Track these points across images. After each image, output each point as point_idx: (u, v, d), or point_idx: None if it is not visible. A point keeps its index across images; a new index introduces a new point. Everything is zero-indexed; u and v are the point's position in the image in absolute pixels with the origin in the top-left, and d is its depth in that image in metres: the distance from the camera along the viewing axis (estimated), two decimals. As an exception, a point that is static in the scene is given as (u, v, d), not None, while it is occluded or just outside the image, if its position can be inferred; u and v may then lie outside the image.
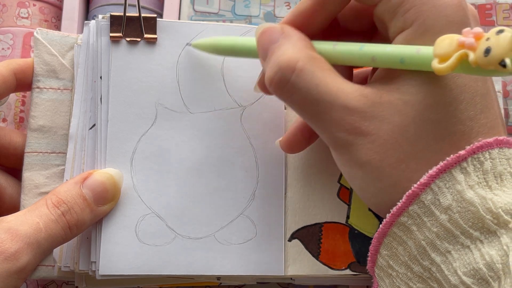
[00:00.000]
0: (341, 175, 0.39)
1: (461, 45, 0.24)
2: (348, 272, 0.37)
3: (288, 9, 0.48)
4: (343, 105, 0.28)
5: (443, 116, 0.28)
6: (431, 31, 0.28)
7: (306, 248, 0.38)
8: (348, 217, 0.38)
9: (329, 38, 0.32)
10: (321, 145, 0.39)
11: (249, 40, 0.34)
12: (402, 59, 0.27)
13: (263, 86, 0.35)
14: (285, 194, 0.39)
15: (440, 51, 0.25)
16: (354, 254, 0.38)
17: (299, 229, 0.38)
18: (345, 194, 0.39)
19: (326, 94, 0.29)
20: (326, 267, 0.38)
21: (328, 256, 0.38)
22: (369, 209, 0.38)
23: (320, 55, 0.30)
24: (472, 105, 0.28)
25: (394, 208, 0.28)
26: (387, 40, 0.30)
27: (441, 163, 0.27)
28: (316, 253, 0.38)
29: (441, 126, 0.28)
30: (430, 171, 0.27)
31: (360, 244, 0.38)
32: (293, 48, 0.30)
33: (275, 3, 0.48)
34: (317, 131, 0.31)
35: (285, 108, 0.40)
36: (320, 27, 0.33)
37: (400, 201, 0.28)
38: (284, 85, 0.29)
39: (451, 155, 0.27)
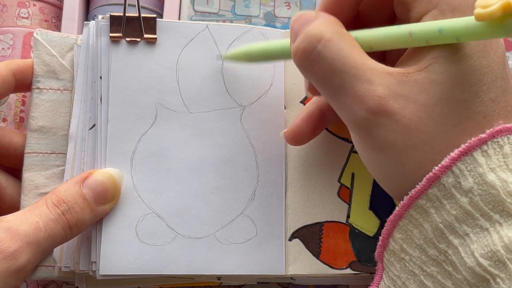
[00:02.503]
0: (341, 175, 0.39)
1: None
2: (348, 271, 0.37)
3: (288, 9, 0.48)
4: (368, 80, 0.28)
5: (468, 96, 0.28)
6: (459, 9, 0.28)
7: (307, 247, 0.38)
8: (348, 216, 0.38)
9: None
10: (322, 144, 0.39)
11: (281, 41, 0.34)
12: (441, 28, 0.27)
13: (312, 88, 0.35)
14: (285, 193, 0.39)
15: (482, 2, 0.25)
16: (354, 253, 0.38)
17: (299, 229, 0.38)
18: (345, 193, 0.39)
19: (352, 67, 0.28)
20: (327, 267, 0.38)
21: (329, 256, 0.38)
22: (370, 208, 0.38)
23: (349, 33, 0.30)
24: (494, 87, 0.28)
25: (413, 191, 0.28)
26: None
27: (463, 146, 0.27)
28: (316, 253, 0.38)
29: (466, 106, 0.28)
30: (452, 154, 0.27)
31: (360, 243, 0.38)
32: (323, 23, 0.30)
33: (275, 3, 0.48)
34: (338, 109, 0.30)
35: (285, 108, 0.40)
36: (350, 12, 0.33)
37: (420, 183, 0.28)
38: (309, 54, 0.29)
39: (473, 138, 0.27)
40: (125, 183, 0.37)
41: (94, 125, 0.38)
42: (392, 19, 0.34)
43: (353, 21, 0.34)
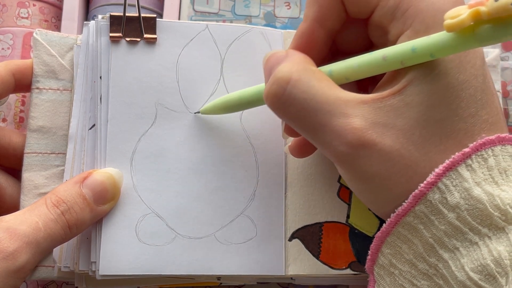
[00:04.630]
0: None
1: (472, 6, 0.24)
2: (348, 271, 0.37)
3: (288, 9, 0.48)
4: (343, 113, 0.28)
5: (446, 115, 0.28)
6: (432, 28, 0.28)
7: (307, 247, 0.38)
8: (348, 216, 0.38)
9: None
10: (321, 145, 0.39)
11: (253, 88, 0.35)
12: (414, 47, 0.27)
13: (290, 130, 0.35)
14: (285, 193, 0.39)
15: (452, 14, 0.25)
16: (354, 253, 0.38)
17: (299, 229, 0.38)
18: (345, 193, 0.39)
19: (325, 104, 0.28)
20: (327, 267, 0.38)
21: (329, 256, 0.38)
22: (370, 209, 0.38)
23: (318, 69, 0.30)
24: (473, 102, 0.28)
25: (400, 209, 0.28)
26: None
27: (447, 161, 0.27)
28: (316, 253, 0.38)
29: (444, 125, 0.28)
30: (437, 170, 0.27)
31: (360, 244, 0.38)
32: (291, 63, 0.30)
33: (275, 3, 0.48)
34: (319, 147, 0.30)
35: (285, 108, 0.40)
36: (323, 47, 0.33)
37: (406, 201, 0.28)
38: (280, 97, 0.29)
39: (456, 153, 0.27)
40: (125, 183, 0.37)
41: (94, 125, 0.38)
42: (370, 46, 0.33)
43: (331, 54, 0.34)
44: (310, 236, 0.38)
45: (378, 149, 0.27)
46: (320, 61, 0.31)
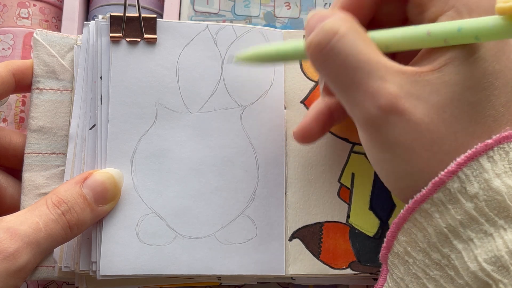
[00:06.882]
0: (341, 175, 0.39)
1: None
2: (348, 271, 0.37)
3: (288, 9, 0.48)
4: (381, 77, 0.28)
5: (479, 99, 0.28)
6: (476, 11, 0.28)
7: (307, 247, 0.38)
8: (348, 216, 0.38)
9: None
10: (322, 144, 0.39)
11: (293, 41, 0.34)
12: (460, 27, 0.27)
13: (328, 90, 0.35)
14: (285, 193, 0.39)
15: None
16: (354, 253, 0.38)
17: (299, 229, 0.38)
18: (345, 193, 0.39)
19: (365, 64, 0.28)
20: (327, 267, 0.38)
21: (329, 256, 0.38)
22: (370, 209, 0.38)
23: (364, 31, 0.30)
24: (505, 92, 0.28)
25: (418, 195, 0.28)
26: None
27: (469, 151, 0.27)
28: (316, 253, 0.38)
29: (476, 109, 0.28)
30: (458, 159, 0.27)
31: (360, 244, 0.38)
32: (340, 18, 0.29)
33: (275, 3, 0.48)
34: (348, 106, 0.30)
35: (285, 108, 0.40)
36: (367, 14, 0.33)
37: (425, 188, 0.28)
38: (322, 47, 0.29)
39: (479, 143, 0.27)
40: (125, 183, 0.37)
41: (94, 125, 0.38)
42: (404, 22, 0.33)
43: (368, 24, 0.34)
44: (310, 236, 0.38)
45: (408, 118, 0.28)
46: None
